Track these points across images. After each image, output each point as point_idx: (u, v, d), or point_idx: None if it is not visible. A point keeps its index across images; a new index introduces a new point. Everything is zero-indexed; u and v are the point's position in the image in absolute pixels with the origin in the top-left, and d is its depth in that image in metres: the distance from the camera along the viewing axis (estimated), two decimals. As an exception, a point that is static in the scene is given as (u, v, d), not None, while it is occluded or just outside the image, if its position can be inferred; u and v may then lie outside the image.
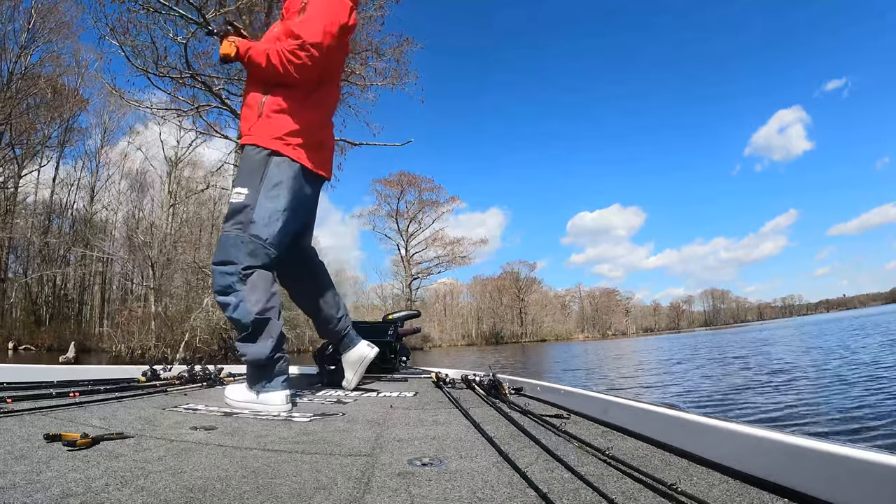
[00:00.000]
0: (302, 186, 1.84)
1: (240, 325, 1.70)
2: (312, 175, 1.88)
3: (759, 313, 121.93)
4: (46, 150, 27.23)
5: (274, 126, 1.78)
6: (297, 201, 1.83)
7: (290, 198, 1.79)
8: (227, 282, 1.70)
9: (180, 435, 1.20)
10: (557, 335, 71.93)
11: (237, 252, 1.71)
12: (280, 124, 1.79)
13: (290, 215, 1.80)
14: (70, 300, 29.72)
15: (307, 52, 1.72)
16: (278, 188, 1.77)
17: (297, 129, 1.80)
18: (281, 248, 1.80)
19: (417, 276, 46.51)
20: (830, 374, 7.36)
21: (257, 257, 1.72)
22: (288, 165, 1.79)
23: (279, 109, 1.79)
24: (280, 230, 1.77)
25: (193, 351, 17.98)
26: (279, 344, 1.73)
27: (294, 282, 2.14)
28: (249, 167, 1.78)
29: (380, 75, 14.33)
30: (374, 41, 14.01)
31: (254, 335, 1.70)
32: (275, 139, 1.77)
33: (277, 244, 1.77)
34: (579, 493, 0.79)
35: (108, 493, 0.75)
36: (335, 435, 1.26)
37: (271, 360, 1.70)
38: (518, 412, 1.52)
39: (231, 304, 1.69)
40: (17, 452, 0.95)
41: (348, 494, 0.79)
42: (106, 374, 2.34)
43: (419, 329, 3.49)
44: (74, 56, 26.12)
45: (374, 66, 14.16)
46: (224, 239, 1.75)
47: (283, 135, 1.78)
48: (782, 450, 0.77)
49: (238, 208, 1.74)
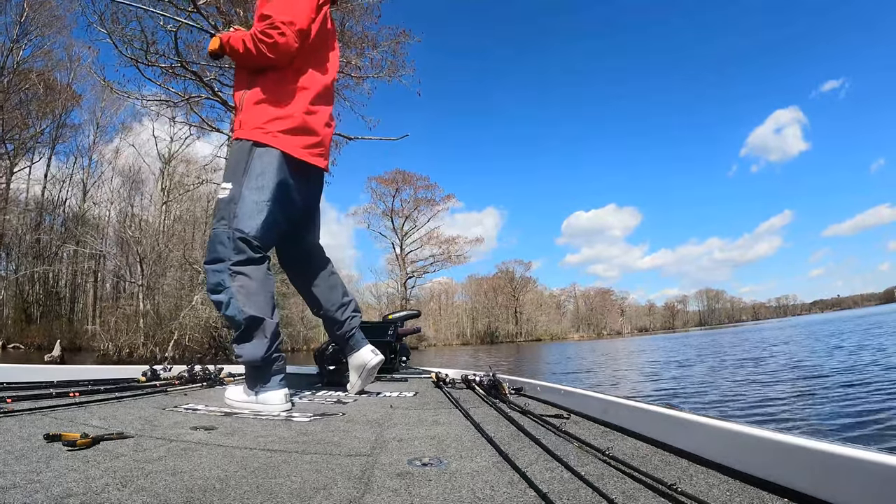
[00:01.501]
0: (287, 176, 1.79)
1: (233, 323, 1.68)
2: (300, 164, 1.82)
3: (754, 313, 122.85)
4: (38, 147, 27.01)
5: (255, 117, 1.77)
6: (283, 192, 1.78)
7: (274, 188, 1.74)
8: (218, 279, 1.69)
9: (180, 435, 1.19)
10: (552, 335, 72.21)
11: (224, 248, 1.69)
12: (259, 114, 1.77)
13: (276, 206, 1.76)
14: (62, 298, 29.48)
15: (278, 31, 1.71)
16: (261, 178, 1.73)
17: (277, 116, 1.77)
18: (267, 240, 1.76)
19: (412, 274, 46.51)
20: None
21: (243, 252, 1.69)
22: (270, 155, 1.76)
23: (258, 100, 1.78)
24: (265, 222, 1.72)
25: (183, 349, 17.84)
26: (274, 341, 1.70)
27: (299, 281, 2.11)
28: (233, 161, 1.77)
29: (376, 67, 14.22)
30: (371, 33, 13.91)
31: (248, 333, 1.67)
32: (255, 129, 1.76)
33: (262, 236, 1.73)
34: (579, 493, 0.79)
35: (108, 493, 0.75)
36: (335, 435, 1.26)
37: (267, 360, 1.68)
38: (518, 412, 1.52)
39: (223, 301, 1.67)
40: (17, 452, 0.95)
41: (348, 494, 0.79)
42: (106, 374, 2.32)
43: (419, 329, 3.49)
44: (67, 51, 25.89)
45: (369, 57, 14.04)
46: (212, 237, 1.73)
47: (262, 123, 1.76)
48: (782, 450, 0.77)
49: (223, 204, 1.72)
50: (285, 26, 1.72)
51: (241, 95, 1.82)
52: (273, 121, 1.76)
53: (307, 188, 1.94)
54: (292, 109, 1.80)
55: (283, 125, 1.78)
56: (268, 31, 1.71)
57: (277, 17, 1.72)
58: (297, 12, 1.76)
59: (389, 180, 45.99)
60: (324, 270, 2.13)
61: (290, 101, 1.80)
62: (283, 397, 1.67)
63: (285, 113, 1.79)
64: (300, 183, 1.87)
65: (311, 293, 2.10)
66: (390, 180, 45.99)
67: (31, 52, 24.25)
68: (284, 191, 1.79)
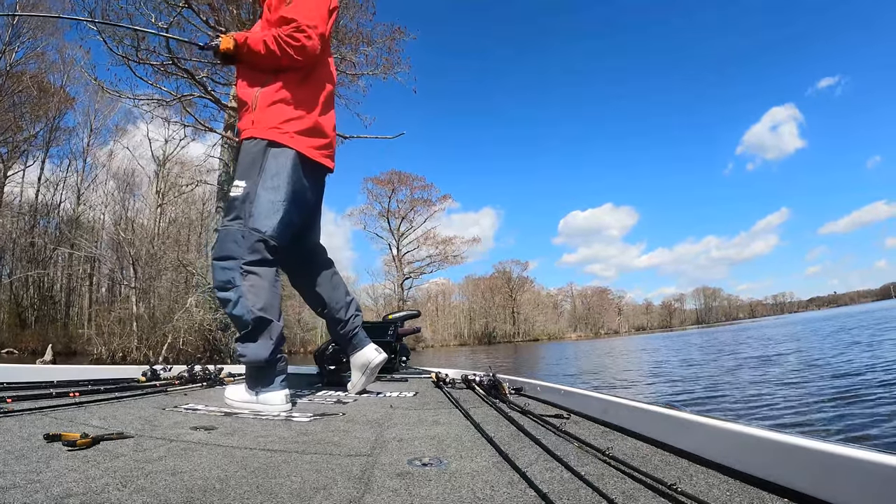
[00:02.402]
0: (301, 177, 1.81)
1: (240, 323, 1.67)
2: (312, 164, 1.85)
3: (751, 311, 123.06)
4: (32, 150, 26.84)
5: (270, 117, 1.77)
6: (297, 192, 1.79)
7: (289, 188, 1.75)
8: (227, 277, 1.67)
9: (180, 435, 1.19)
10: (550, 334, 72.32)
11: (237, 247, 1.67)
12: (276, 114, 1.77)
13: (291, 206, 1.76)
14: (56, 302, 29.28)
15: (304, 34, 1.73)
16: (277, 178, 1.74)
17: (292, 117, 1.78)
18: (283, 240, 1.76)
19: (409, 275, 46.47)
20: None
21: (258, 251, 1.68)
22: (285, 155, 1.76)
23: (274, 100, 1.78)
24: (281, 222, 1.73)
25: (177, 353, 17.69)
26: (279, 344, 1.70)
27: (302, 281, 2.10)
28: (247, 160, 1.76)
29: (371, 64, 14.14)
30: (366, 30, 13.84)
31: (254, 334, 1.66)
32: (271, 129, 1.76)
33: (279, 236, 1.73)
34: (579, 493, 0.79)
35: (108, 493, 0.75)
36: (335, 435, 1.25)
37: (271, 361, 1.67)
38: (518, 412, 1.52)
39: (231, 300, 1.66)
40: (17, 452, 0.95)
41: (348, 494, 0.79)
42: (106, 373, 2.32)
43: (419, 329, 3.50)
44: (60, 53, 25.61)
45: (364, 53, 13.95)
46: (224, 233, 1.72)
47: (278, 123, 1.76)
48: (782, 450, 0.77)
49: (237, 202, 1.72)
50: (311, 30, 1.74)
51: (255, 94, 1.80)
52: (289, 121, 1.78)
53: (315, 186, 1.95)
54: (307, 111, 1.82)
55: (298, 126, 1.79)
56: (295, 34, 1.73)
57: (303, 21, 1.73)
58: (319, 17, 1.79)
59: (385, 181, 46.02)
60: (327, 270, 2.12)
61: (305, 103, 1.82)
62: (284, 398, 1.67)
63: (300, 114, 1.81)
64: (311, 182, 1.88)
65: (314, 293, 2.10)
66: (386, 181, 46.02)
67: (23, 55, 24.11)
68: (299, 191, 1.81)
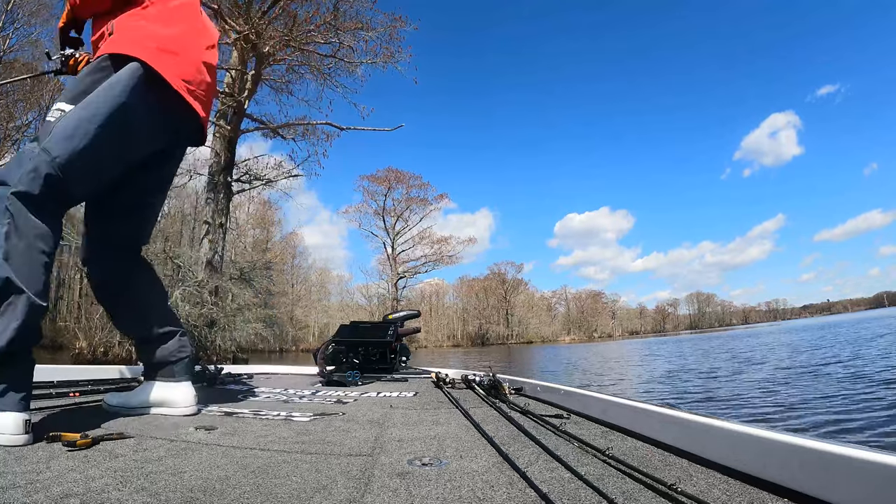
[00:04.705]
0: (140, 98, 1.35)
1: None
2: (166, 93, 1.42)
3: (745, 317, 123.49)
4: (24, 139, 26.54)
5: (116, 38, 1.43)
6: (124, 115, 1.32)
7: (112, 106, 1.30)
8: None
9: (180, 435, 1.19)
10: (543, 337, 72.49)
11: (17, 169, 1.20)
12: (124, 35, 1.43)
13: (106, 133, 1.28)
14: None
15: None
16: (100, 93, 1.32)
17: (144, 35, 1.42)
18: (75, 172, 1.24)
19: (404, 275, 46.35)
20: None
21: (35, 180, 1.18)
22: (123, 66, 1.36)
23: (122, 26, 1.45)
24: (83, 149, 1.24)
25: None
26: (26, 332, 1.10)
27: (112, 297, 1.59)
28: (77, 80, 1.40)
29: (370, 52, 13.90)
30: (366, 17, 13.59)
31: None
32: (114, 44, 1.41)
33: (70, 165, 1.22)
34: (579, 493, 0.79)
35: (108, 493, 0.74)
36: (335, 435, 1.25)
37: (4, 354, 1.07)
38: (518, 412, 1.53)
39: None
40: (17, 452, 0.94)
41: (348, 494, 0.79)
42: (106, 373, 2.31)
43: (419, 329, 3.50)
44: (54, 41, 25.45)
45: (364, 40, 13.67)
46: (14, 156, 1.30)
47: (125, 41, 1.41)
48: (782, 450, 0.78)
49: (49, 125, 1.29)
50: None
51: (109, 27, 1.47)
52: (139, 39, 1.43)
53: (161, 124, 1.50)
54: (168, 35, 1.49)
55: (151, 44, 1.44)
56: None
57: None
58: None
59: (382, 179, 45.78)
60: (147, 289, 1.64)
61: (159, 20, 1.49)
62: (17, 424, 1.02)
63: (158, 36, 1.46)
64: (153, 114, 1.45)
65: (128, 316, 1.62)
66: (382, 179, 45.77)
67: (17, 42, 23.86)
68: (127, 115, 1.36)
